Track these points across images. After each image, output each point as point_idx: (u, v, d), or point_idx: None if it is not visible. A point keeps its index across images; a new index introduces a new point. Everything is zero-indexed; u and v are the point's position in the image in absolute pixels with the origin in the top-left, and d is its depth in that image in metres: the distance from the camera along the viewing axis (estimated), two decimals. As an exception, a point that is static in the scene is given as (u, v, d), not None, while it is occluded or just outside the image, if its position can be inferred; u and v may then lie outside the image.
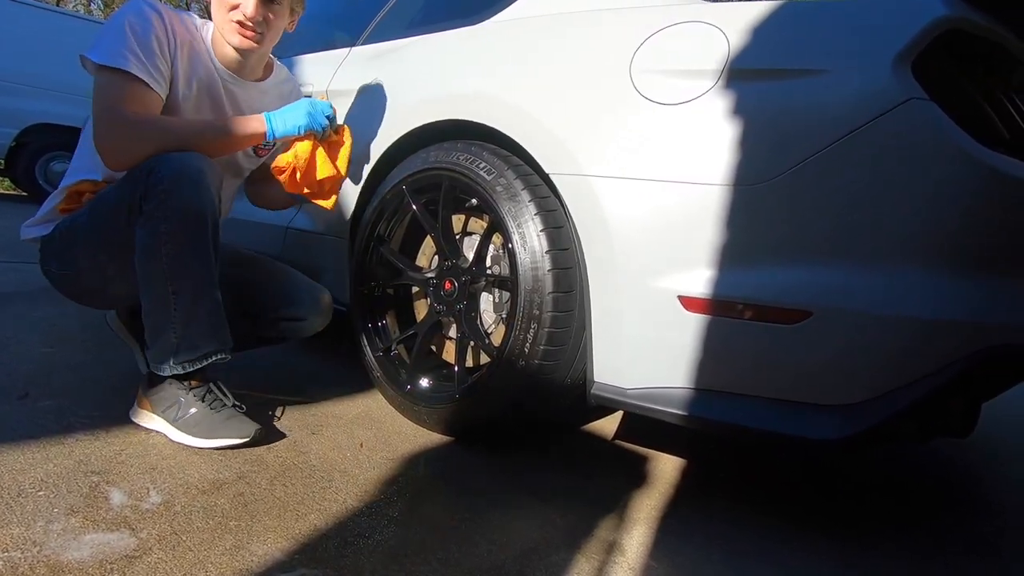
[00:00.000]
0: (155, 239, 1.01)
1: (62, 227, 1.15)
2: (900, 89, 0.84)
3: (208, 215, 1.03)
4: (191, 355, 1.06)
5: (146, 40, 1.06)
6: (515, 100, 1.16)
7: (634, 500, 1.11)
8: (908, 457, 1.58)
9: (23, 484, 0.87)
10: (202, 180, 1.02)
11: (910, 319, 0.86)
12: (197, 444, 1.06)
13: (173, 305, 1.04)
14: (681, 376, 0.98)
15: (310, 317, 1.33)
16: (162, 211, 1.00)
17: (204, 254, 1.04)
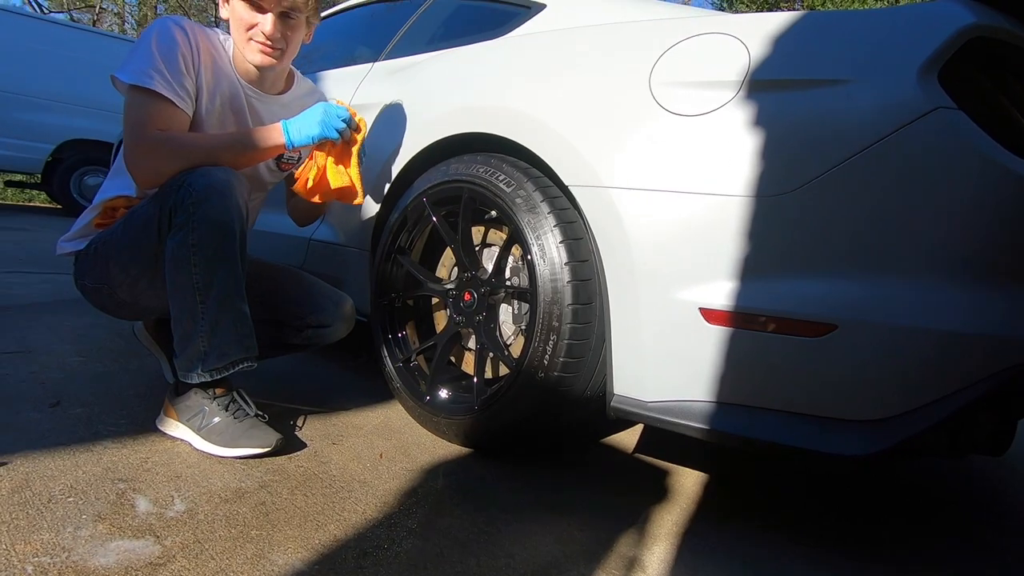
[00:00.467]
0: (184, 250, 1.04)
1: (96, 242, 1.19)
2: (926, 98, 0.83)
3: (235, 226, 1.05)
4: (218, 362, 1.08)
5: (172, 58, 1.10)
6: (534, 113, 1.17)
7: (655, 515, 1.09)
8: (937, 475, 1.53)
9: (53, 490, 0.90)
10: (229, 193, 1.05)
11: (940, 333, 0.84)
12: (219, 453, 1.08)
13: (201, 314, 1.06)
14: (702, 389, 0.97)
15: (334, 324, 1.35)
16: (191, 223, 1.03)
17: (231, 264, 1.06)
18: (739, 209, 0.92)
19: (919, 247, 0.85)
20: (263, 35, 1.15)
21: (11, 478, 0.91)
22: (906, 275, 0.85)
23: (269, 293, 1.33)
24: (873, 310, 0.86)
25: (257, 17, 1.14)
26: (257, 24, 1.15)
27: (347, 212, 1.62)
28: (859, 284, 0.87)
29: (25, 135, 5.18)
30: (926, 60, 0.84)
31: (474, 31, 1.55)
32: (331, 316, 1.35)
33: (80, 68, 5.36)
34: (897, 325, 0.85)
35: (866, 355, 0.86)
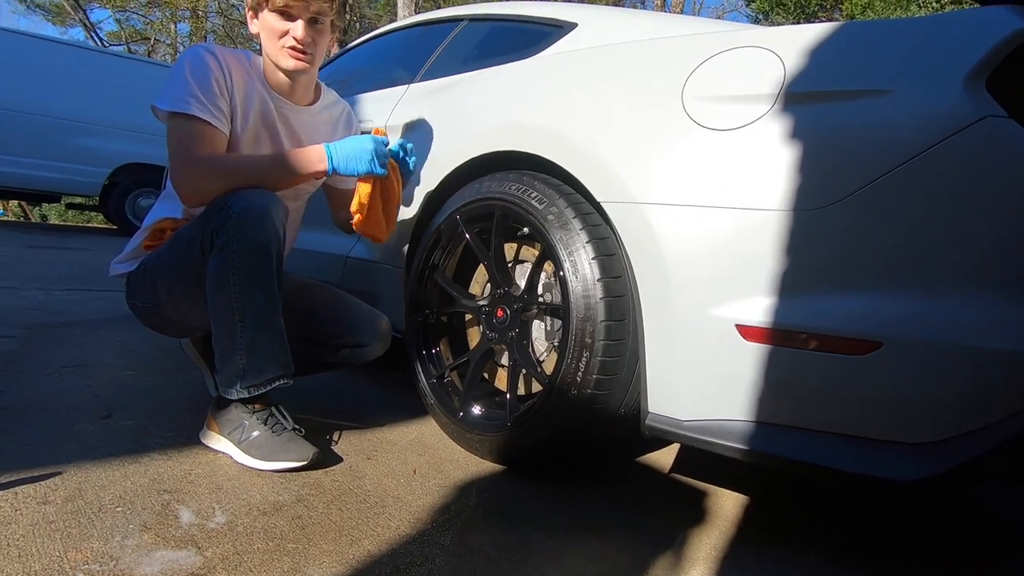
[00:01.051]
0: (224, 271, 1.08)
1: (146, 263, 1.25)
2: (974, 107, 0.80)
3: (272, 248, 1.09)
4: (256, 379, 1.12)
5: (206, 83, 1.14)
6: (566, 130, 1.18)
7: (692, 538, 1.06)
8: (989, 497, 1.44)
9: (103, 500, 0.93)
10: (267, 215, 1.08)
11: (993, 351, 0.80)
12: (258, 466, 1.10)
13: (240, 333, 1.10)
14: (740, 408, 0.94)
15: (371, 344, 1.37)
16: (231, 245, 1.07)
17: (268, 285, 1.10)
18: (776, 224, 0.90)
19: (970, 261, 0.81)
20: (294, 40, 1.19)
21: (65, 487, 0.95)
22: (956, 291, 0.82)
23: (307, 312, 1.36)
24: (921, 327, 0.82)
25: (288, 24, 1.18)
26: (288, 31, 1.19)
27: (383, 230, 1.65)
28: (905, 300, 0.84)
29: (86, 160, 5.51)
30: (973, 67, 0.81)
31: (507, 51, 1.57)
32: (368, 336, 1.37)
33: (135, 96, 5.68)
34: (947, 343, 0.81)
35: (914, 374, 0.83)
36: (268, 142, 1.29)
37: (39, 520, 0.86)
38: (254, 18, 1.22)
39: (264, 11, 1.19)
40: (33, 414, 1.22)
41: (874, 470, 0.85)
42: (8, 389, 1.35)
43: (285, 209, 1.15)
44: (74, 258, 3.85)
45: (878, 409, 0.86)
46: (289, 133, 1.32)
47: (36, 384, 1.40)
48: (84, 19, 15.33)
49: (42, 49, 5.43)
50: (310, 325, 1.35)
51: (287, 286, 1.37)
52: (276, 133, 1.30)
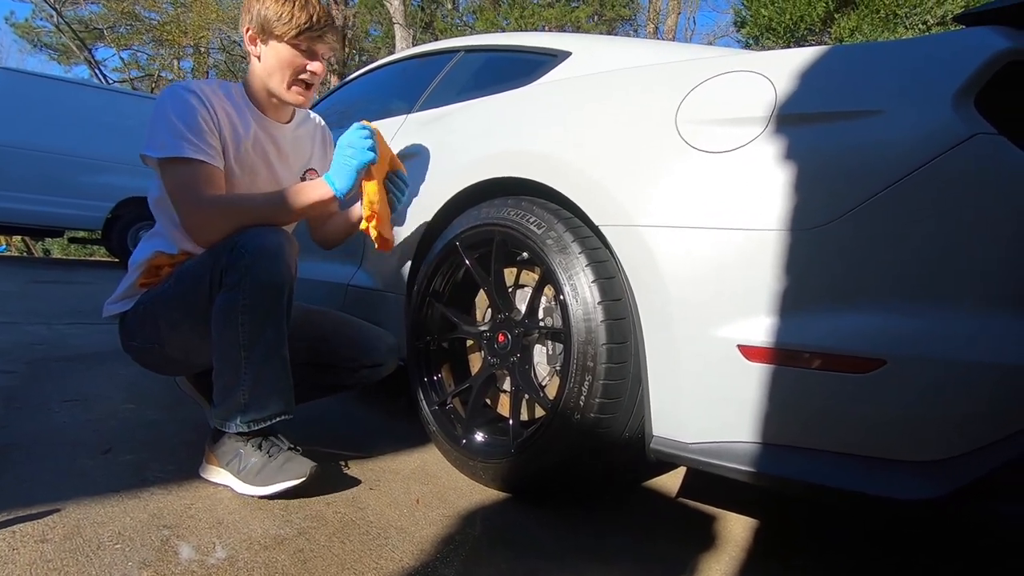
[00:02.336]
0: (233, 308, 1.08)
1: (144, 302, 1.23)
2: (964, 125, 0.81)
3: (284, 288, 1.10)
4: (258, 414, 1.12)
5: (193, 122, 1.14)
6: (562, 155, 1.20)
7: (702, 563, 1.04)
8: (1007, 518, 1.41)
9: (102, 537, 0.92)
10: (280, 255, 1.09)
11: (998, 366, 0.79)
12: (258, 492, 1.09)
13: (244, 369, 1.10)
14: (745, 429, 0.93)
15: (386, 361, 1.42)
16: (242, 284, 1.07)
17: (278, 323, 1.11)
18: (774, 243, 0.90)
19: (969, 277, 0.82)
20: (313, 76, 1.22)
21: (64, 524, 0.94)
22: (957, 307, 0.82)
23: (319, 339, 1.37)
24: (923, 343, 0.82)
25: (306, 61, 1.21)
26: (306, 67, 1.21)
27: (383, 258, 1.66)
28: (908, 317, 0.84)
29: (90, 195, 5.57)
30: (961, 86, 0.82)
31: (502, 81, 1.60)
32: (383, 355, 1.41)
33: (137, 131, 5.73)
34: (951, 359, 0.80)
35: (920, 391, 0.82)
36: (263, 169, 1.29)
37: (37, 559, 0.84)
38: (259, 42, 1.21)
39: (277, 42, 1.19)
40: (33, 450, 1.21)
41: (883, 490, 0.84)
42: (9, 425, 1.34)
43: (296, 247, 1.15)
44: (78, 292, 3.86)
45: (885, 427, 0.85)
46: (278, 154, 1.32)
47: (37, 419, 1.39)
48: (89, 57, 15.68)
49: (46, 88, 5.54)
50: (324, 351, 1.36)
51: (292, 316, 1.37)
52: (268, 157, 1.30)
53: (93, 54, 15.85)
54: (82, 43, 15.18)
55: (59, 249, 14.07)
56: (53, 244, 14.68)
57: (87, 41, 15.35)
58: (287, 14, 1.17)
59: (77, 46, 15.24)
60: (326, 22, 1.21)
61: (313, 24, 1.19)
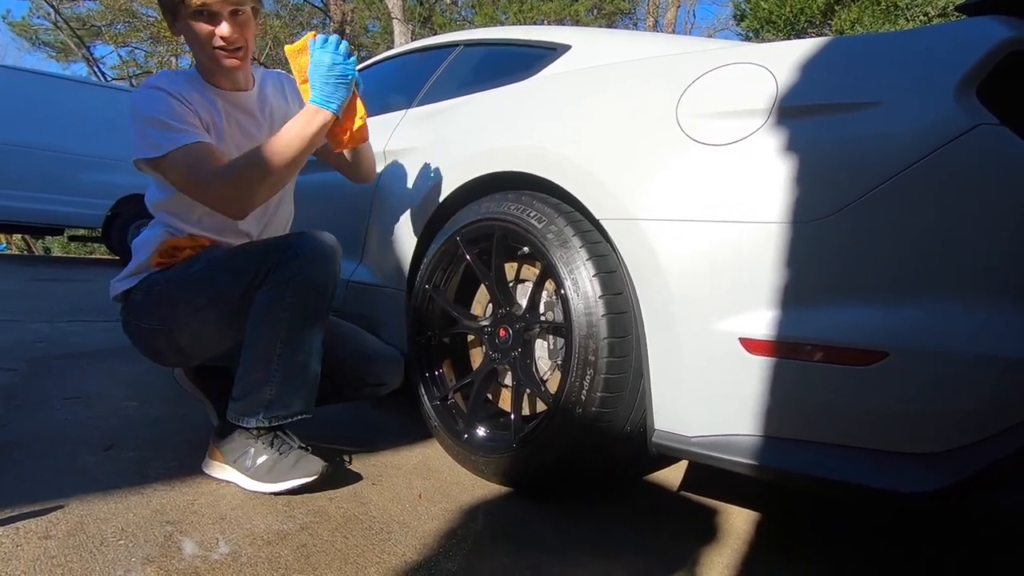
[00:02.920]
0: (278, 306, 1.09)
1: (160, 282, 1.19)
2: (966, 116, 0.80)
3: (331, 290, 1.13)
4: (281, 411, 1.13)
5: (171, 112, 1.13)
6: (562, 149, 1.19)
7: (704, 557, 1.04)
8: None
9: (105, 533, 0.92)
10: (333, 259, 1.12)
11: (999, 358, 0.79)
12: (269, 489, 1.10)
13: (276, 365, 1.10)
14: (747, 423, 0.93)
15: (391, 381, 1.40)
16: (292, 283, 1.08)
17: (319, 324, 1.14)
18: (775, 236, 0.90)
19: (971, 269, 0.81)
20: (223, 40, 1.15)
21: (67, 521, 0.94)
22: (960, 299, 0.81)
23: (328, 349, 1.29)
24: (925, 336, 0.82)
25: (211, 27, 1.14)
26: (213, 32, 1.14)
27: (384, 254, 1.66)
28: (910, 309, 0.83)
29: (89, 193, 5.57)
30: (963, 77, 0.82)
31: (502, 75, 1.60)
32: (389, 375, 1.40)
33: (137, 129, 5.73)
34: (951, 351, 0.80)
35: (922, 383, 0.82)
36: (246, 141, 1.25)
37: (40, 555, 0.84)
38: (174, 25, 1.18)
39: (183, 19, 1.14)
40: (35, 447, 1.22)
41: (885, 482, 0.84)
42: (10, 423, 1.34)
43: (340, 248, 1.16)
44: (78, 290, 3.86)
45: (887, 420, 0.85)
46: (254, 121, 1.29)
47: (38, 417, 1.40)
48: (87, 55, 15.64)
49: (45, 86, 5.53)
50: (331, 363, 1.29)
51: None
52: (246, 128, 1.27)
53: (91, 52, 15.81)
54: (80, 40, 15.12)
55: (59, 247, 14.08)
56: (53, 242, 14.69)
57: (85, 39, 15.30)
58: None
59: (75, 43, 15.20)
60: None
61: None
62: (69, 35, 14.85)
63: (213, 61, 1.19)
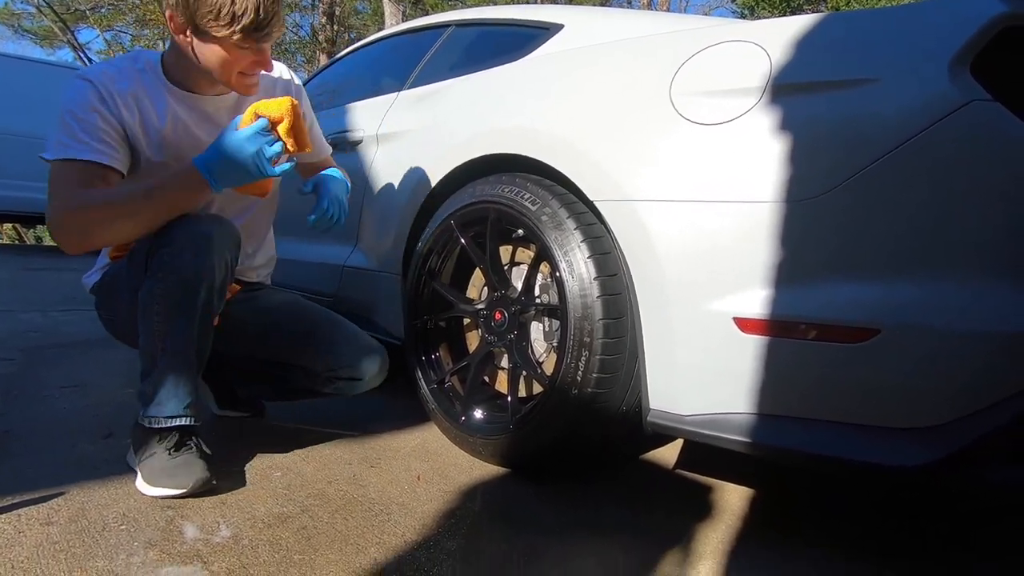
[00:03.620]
0: (150, 297, 1.03)
1: (109, 274, 1.21)
2: (959, 92, 0.80)
3: (202, 285, 1.02)
4: (156, 413, 1.04)
5: (87, 121, 1.04)
6: (555, 131, 1.18)
7: (699, 533, 1.06)
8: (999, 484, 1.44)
9: (107, 519, 0.93)
10: (205, 247, 1.01)
11: (990, 333, 0.80)
12: (143, 491, 1.02)
13: (158, 361, 1.04)
14: (741, 401, 0.94)
15: (366, 377, 1.27)
16: (160, 272, 1.02)
17: (190, 321, 1.03)
18: (768, 215, 0.90)
19: (963, 245, 0.82)
20: (261, 68, 1.08)
21: (68, 508, 0.95)
22: (951, 275, 0.82)
23: (302, 337, 1.28)
24: (917, 312, 0.82)
25: (251, 56, 1.05)
26: (254, 61, 1.06)
27: (379, 238, 1.66)
28: (901, 286, 0.84)
29: (78, 181, 5.50)
30: (957, 52, 0.81)
31: (494, 55, 1.58)
32: (365, 370, 1.26)
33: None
34: (944, 327, 0.81)
35: (913, 359, 0.83)
36: (192, 151, 1.09)
37: (43, 541, 0.85)
38: (193, 38, 1.03)
39: (207, 38, 1.01)
40: (33, 436, 1.22)
41: (878, 457, 0.85)
42: (8, 412, 1.34)
43: (236, 238, 1.07)
44: (71, 279, 3.84)
45: (879, 396, 0.86)
46: (212, 127, 1.15)
47: (35, 406, 1.40)
48: (72, 40, 15.34)
49: (31, 72, 5.43)
50: (304, 354, 1.26)
51: (284, 307, 1.33)
52: (196, 136, 1.15)
53: (76, 37, 15.51)
54: (64, 25, 14.83)
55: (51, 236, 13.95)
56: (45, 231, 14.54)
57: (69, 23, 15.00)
58: (226, 10, 0.96)
59: (60, 28, 14.90)
60: (273, 13, 1.00)
61: (261, 21, 0.98)
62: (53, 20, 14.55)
63: (227, 83, 1.09)
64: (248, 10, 0.97)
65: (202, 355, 1.09)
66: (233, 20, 0.97)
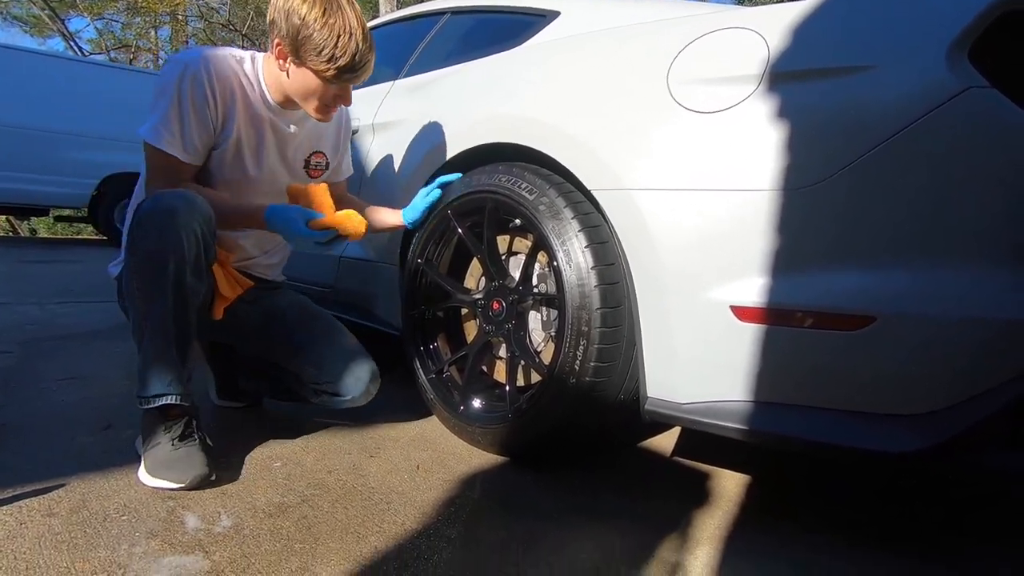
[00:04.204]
0: (130, 275, 1.05)
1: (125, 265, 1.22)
2: (956, 79, 0.80)
3: (168, 257, 1.01)
4: (144, 392, 1.04)
5: (187, 116, 1.10)
6: (551, 119, 1.18)
7: (697, 519, 1.07)
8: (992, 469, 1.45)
9: (108, 510, 0.93)
10: (168, 221, 1.01)
11: (984, 320, 0.80)
12: (143, 481, 1.03)
13: (142, 340, 1.05)
14: (738, 389, 0.95)
15: (351, 395, 1.26)
16: (132, 248, 1.04)
17: (163, 296, 1.02)
18: (766, 204, 0.90)
19: (959, 233, 0.82)
20: (339, 102, 1.18)
21: (69, 499, 0.96)
22: (947, 262, 0.82)
23: (297, 345, 1.29)
24: (912, 300, 0.83)
25: (337, 92, 1.15)
26: (339, 96, 1.16)
27: (375, 228, 1.65)
28: (897, 274, 0.84)
29: (73, 172, 5.46)
30: (954, 39, 0.81)
31: (490, 43, 1.56)
32: (351, 387, 1.25)
33: (119, 105, 5.62)
34: (937, 314, 0.82)
35: (909, 346, 0.84)
36: (249, 155, 1.22)
37: (45, 532, 0.86)
38: (291, 64, 1.12)
39: (309, 73, 1.11)
40: (33, 429, 1.22)
41: (874, 444, 0.86)
42: (7, 404, 1.34)
43: (205, 214, 1.06)
44: (67, 271, 3.82)
45: (875, 383, 0.86)
46: (276, 137, 1.25)
47: (34, 399, 1.40)
48: (63, 29, 15.15)
49: (22, 61, 5.36)
50: (293, 361, 1.28)
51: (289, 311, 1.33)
52: (263, 142, 1.23)
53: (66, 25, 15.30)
54: (54, 13, 14.63)
55: (45, 228, 13.88)
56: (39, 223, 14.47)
57: (59, 11, 14.80)
58: (328, 51, 1.07)
59: (49, 16, 14.70)
60: (369, 57, 1.12)
61: (355, 64, 1.10)
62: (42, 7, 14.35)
63: (308, 109, 1.18)
64: (347, 54, 1.09)
65: (185, 333, 1.06)
66: (331, 60, 1.09)
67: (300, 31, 1.07)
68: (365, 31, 1.11)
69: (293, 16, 1.07)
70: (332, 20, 1.07)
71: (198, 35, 16.09)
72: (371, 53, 1.13)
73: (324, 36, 1.07)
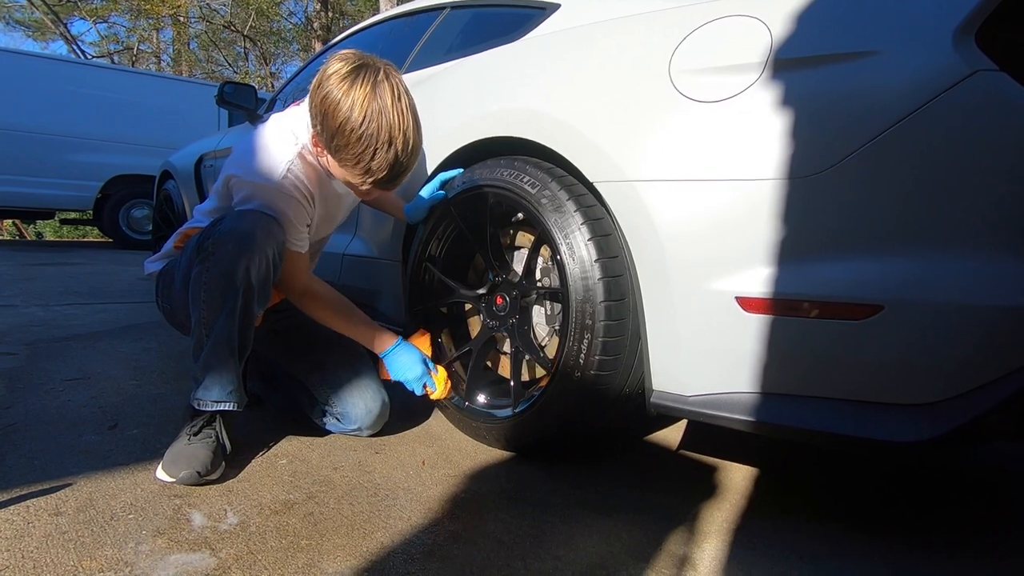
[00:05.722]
0: (198, 285, 1.08)
1: (171, 264, 1.26)
2: (964, 62, 0.79)
3: (239, 277, 1.04)
4: (202, 396, 1.09)
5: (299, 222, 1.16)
6: (553, 112, 1.17)
7: (704, 512, 1.07)
8: (998, 458, 1.44)
9: (115, 508, 0.94)
10: (246, 243, 1.04)
11: (993, 308, 0.79)
12: (155, 472, 1.06)
13: (203, 347, 1.09)
14: (744, 380, 0.94)
15: (354, 426, 1.28)
16: (207, 262, 1.07)
17: (231, 312, 1.06)
18: (770, 193, 0.89)
19: (967, 219, 0.81)
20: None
21: (76, 498, 0.96)
22: (954, 250, 0.81)
23: (318, 364, 1.31)
24: (920, 288, 0.82)
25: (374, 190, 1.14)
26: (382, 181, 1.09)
27: (378, 225, 1.65)
28: (904, 262, 0.83)
29: (77, 175, 5.50)
30: (961, 23, 0.80)
31: (490, 37, 1.56)
32: (352, 418, 1.26)
33: (122, 107, 5.65)
34: (945, 303, 0.80)
35: (916, 335, 0.82)
36: (324, 223, 1.31)
37: (52, 531, 0.86)
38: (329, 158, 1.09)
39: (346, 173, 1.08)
40: (39, 428, 1.23)
41: (880, 434, 0.85)
42: (14, 405, 1.35)
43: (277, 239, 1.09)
44: (73, 273, 3.84)
45: (882, 372, 0.86)
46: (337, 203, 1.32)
47: (41, 399, 1.40)
48: (65, 32, 15.19)
49: (25, 65, 5.39)
50: (310, 378, 1.30)
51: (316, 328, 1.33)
52: (331, 211, 1.31)
53: (69, 29, 15.34)
54: (56, 17, 14.67)
55: (51, 231, 13.96)
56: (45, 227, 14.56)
57: (62, 15, 14.84)
58: (364, 164, 1.02)
59: (52, 20, 14.74)
60: (410, 163, 1.06)
61: (393, 176, 1.05)
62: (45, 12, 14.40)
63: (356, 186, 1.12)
64: (384, 167, 1.03)
65: (244, 346, 1.11)
66: (367, 173, 1.04)
67: (335, 137, 1.01)
68: (407, 134, 1.02)
69: (330, 118, 1.00)
70: (372, 127, 0.99)
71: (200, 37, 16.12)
72: (414, 157, 1.06)
73: (361, 149, 1.00)
